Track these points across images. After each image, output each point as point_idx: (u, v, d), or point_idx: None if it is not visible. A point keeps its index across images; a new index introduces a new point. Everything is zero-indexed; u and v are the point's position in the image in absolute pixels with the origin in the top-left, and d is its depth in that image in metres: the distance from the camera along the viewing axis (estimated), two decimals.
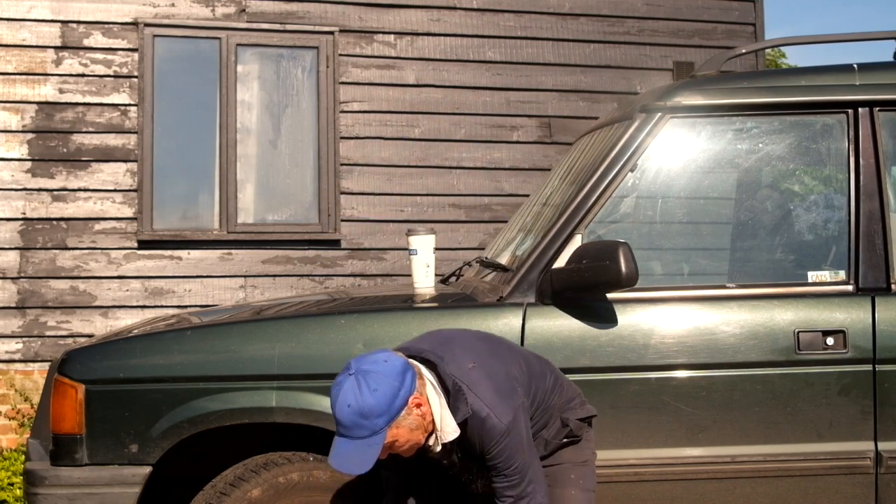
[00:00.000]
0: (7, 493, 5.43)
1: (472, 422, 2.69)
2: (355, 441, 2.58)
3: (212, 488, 3.15)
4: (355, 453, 2.58)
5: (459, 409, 2.69)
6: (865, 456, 3.25)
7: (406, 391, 2.61)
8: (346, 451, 2.59)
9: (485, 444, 2.69)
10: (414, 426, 2.65)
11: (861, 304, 3.29)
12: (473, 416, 2.68)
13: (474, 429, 2.69)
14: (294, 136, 6.87)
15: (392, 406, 2.58)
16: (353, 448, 2.59)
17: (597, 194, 3.32)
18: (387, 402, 2.57)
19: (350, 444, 2.59)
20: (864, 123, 3.41)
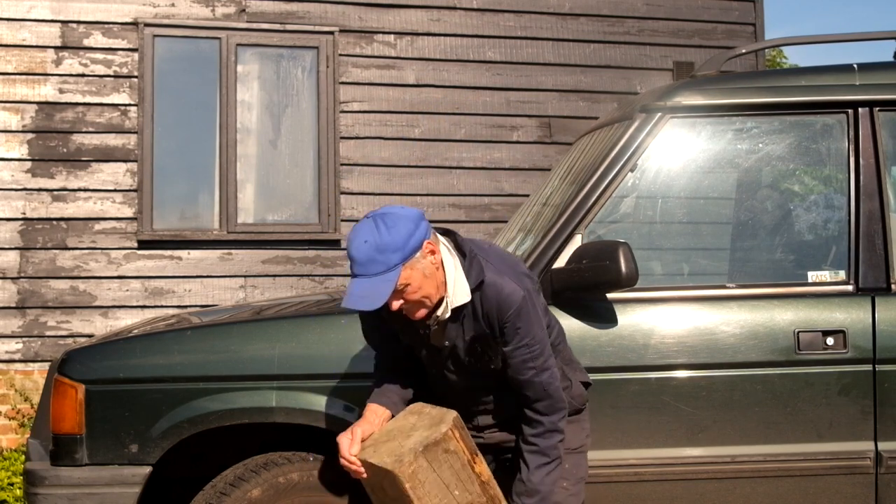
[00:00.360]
0: (7, 493, 5.43)
1: (487, 290, 2.70)
2: (370, 278, 2.58)
3: (212, 488, 3.15)
4: (369, 289, 2.58)
5: (473, 273, 2.70)
6: (865, 456, 3.25)
7: (421, 233, 2.63)
8: (359, 290, 2.59)
9: (502, 310, 2.69)
10: (427, 272, 2.64)
11: (861, 304, 3.29)
12: (488, 284, 2.70)
13: (490, 296, 2.70)
14: (294, 136, 6.87)
15: (407, 244, 2.60)
16: (367, 285, 2.58)
17: (597, 194, 3.32)
18: (402, 239, 2.59)
19: (364, 281, 2.58)
20: (864, 123, 3.41)
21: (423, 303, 2.68)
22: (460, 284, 2.71)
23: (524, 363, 2.74)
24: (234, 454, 3.27)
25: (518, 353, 2.74)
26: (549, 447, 2.78)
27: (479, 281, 2.70)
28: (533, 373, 2.75)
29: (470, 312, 2.74)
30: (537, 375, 2.75)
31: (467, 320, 2.75)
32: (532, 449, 2.78)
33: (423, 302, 2.68)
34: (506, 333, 2.72)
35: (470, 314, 2.74)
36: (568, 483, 2.90)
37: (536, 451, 2.77)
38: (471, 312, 2.74)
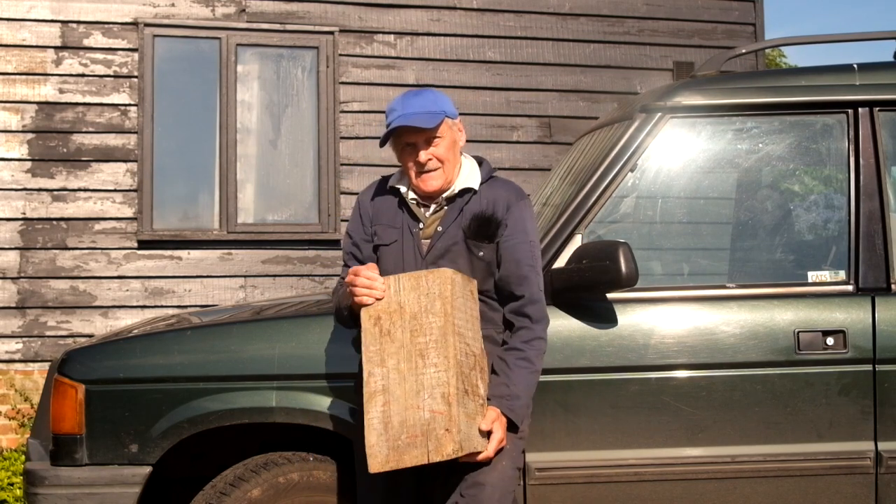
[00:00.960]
0: (7, 493, 5.43)
1: (497, 187, 2.94)
2: (419, 114, 2.84)
3: (212, 488, 3.15)
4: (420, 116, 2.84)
5: (484, 170, 2.97)
6: (865, 456, 3.25)
7: (456, 112, 2.96)
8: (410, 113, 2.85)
9: (512, 197, 2.90)
10: (453, 141, 2.92)
11: (861, 304, 3.29)
12: (497, 183, 2.95)
13: (499, 186, 2.94)
14: (294, 136, 6.87)
15: (449, 106, 2.92)
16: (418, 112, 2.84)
17: (597, 194, 3.32)
18: (446, 101, 2.93)
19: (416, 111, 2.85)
20: (864, 123, 3.42)
21: (443, 163, 2.89)
22: (473, 174, 2.95)
23: (525, 258, 2.86)
24: (234, 454, 3.27)
25: (521, 247, 2.86)
26: (534, 355, 2.83)
27: (488, 175, 2.96)
28: (529, 269, 2.85)
29: (476, 200, 2.90)
30: (535, 274, 2.86)
31: (468, 208, 2.90)
32: (519, 355, 2.81)
33: (444, 162, 2.89)
34: (510, 224, 2.87)
35: (476, 202, 2.90)
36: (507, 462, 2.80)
37: (523, 357, 2.81)
38: (476, 201, 2.90)
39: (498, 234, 2.87)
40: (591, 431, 3.16)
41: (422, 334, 2.66)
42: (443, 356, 2.62)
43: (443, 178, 2.90)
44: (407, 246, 2.90)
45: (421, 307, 2.67)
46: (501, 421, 2.75)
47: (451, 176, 2.92)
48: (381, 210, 3.00)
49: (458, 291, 2.68)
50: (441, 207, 2.93)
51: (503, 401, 2.76)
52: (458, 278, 2.70)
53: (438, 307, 2.65)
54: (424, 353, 2.64)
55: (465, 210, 2.89)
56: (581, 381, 3.14)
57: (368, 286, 2.75)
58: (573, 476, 3.15)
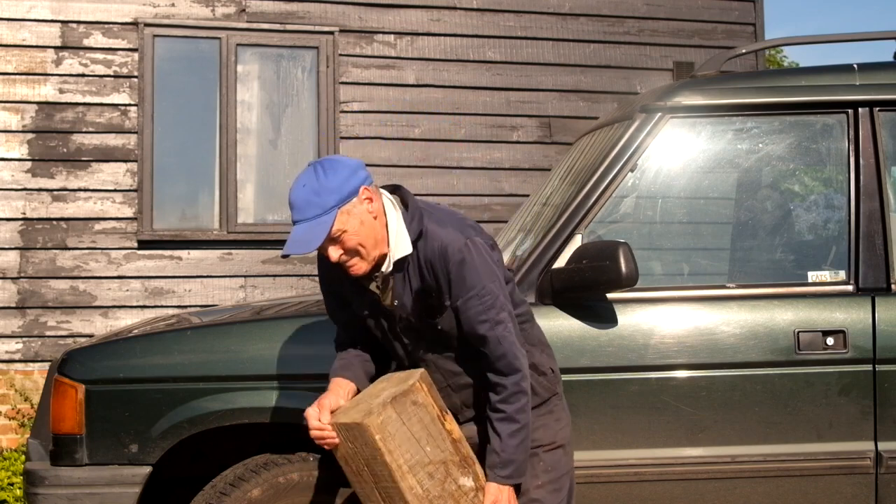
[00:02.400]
0: (7, 493, 5.44)
1: (429, 239, 2.66)
2: (308, 222, 2.60)
3: (212, 488, 3.15)
4: (306, 233, 2.60)
5: (414, 224, 2.67)
6: (865, 456, 3.25)
7: (359, 180, 2.63)
8: (296, 235, 2.61)
9: (446, 258, 2.64)
10: (364, 219, 2.62)
11: (861, 304, 3.29)
12: (428, 233, 2.66)
13: (433, 247, 2.65)
14: (294, 136, 6.87)
15: (343, 187, 2.60)
16: (304, 228, 2.60)
17: (597, 194, 3.32)
18: (338, 182, 2.60)
19: (302, 226, 2.60)
20: (864, 123, 3.41)
21: (360, 252, 2.64)
22: (402, 237, 2.67)
23: (476, 316, 2.65)
24: (234, 454, 3.27)
25: (469, 304, 2.65)
26: (515, 411, 2.66)
27: (419, 231, 2.66)
28: (487, 326, 2.64)
29: (415, 265, 2.68)
30: (492, 329, 2.64)
31: (412, 274, 2.69)
32: (500, 416, 2.67)
33: (360, 251, 2.64)
34: (452, 284, 2.65)
35: (415, 266, 2.68)
36: (542, 481, 2.80)
37: (504, 417, 2.66)
38: (415, 265, 2.68)
39: (445, 301, 2.68)
40: (591, 431, 3.15)
41: (381, 479, 2.64)
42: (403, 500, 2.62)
43: (366, 262, 2.66)
44: (377, 316, 2.80)
45: (367, 456, 2.64)
46: (501, 492, 2.68)
47: (374, 254, 2.66)
48: (339, 280, 2.80)
49: (390, 432, 2.57)
50: (388, 281, 2.73)
51: (496, 472, 2.67)
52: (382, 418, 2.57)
53: (379, 458, 2.59)
54: (391, 495, 2.64)
55: (409, 278, 2.70)
56: (581, 381, 3.14)
57: (321, 437, 2.69)
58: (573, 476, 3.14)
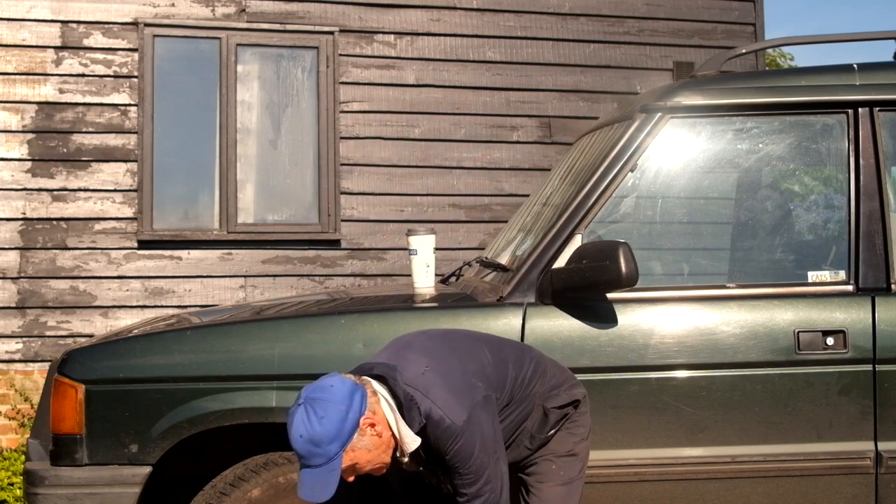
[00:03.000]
0: (7, 493, 5.43)
1: (429, 427, 2.68)
2: (315, 469, 2.58)
3: (212, 488, 3.15)
4: (317, 481, 2.58)
5: (413, 418, 2.67)
6: (865, 456, 3.25)
7: (355, 413, 2.59)
8: (308, 480, 2.58)
9: (441, 446, 2.68)
10: (371, 446, 2.64)
11: (861, 304, 3.29)
12: (429, 422, 2.67)
13: (431, 433, 2.68)
14: (294, 136, 6.87)
15: (342, 430, 2.57)
16: (314, 476, 2.58)
17: (597, 194, 3.32)
18: (335, 427, 2.56)
19: (311, 472, 2.58)
20: (864, 123, 3.41)
21: (379, 468, 2.70)
22: (406, 434, 2.69)
23: (458, 487, 2.72)
24: (234, 454, 3.27)
25: (453, 477, 2.72)
26: None
27: (420, 422, 2.67)
28: (465, 499, 2.71)
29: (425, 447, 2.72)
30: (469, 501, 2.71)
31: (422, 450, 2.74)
32: None
33: (378, 467, 2.69)
34: (447, 462, 2.71)
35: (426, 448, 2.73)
36: (553, 483, 2.89)
37: None
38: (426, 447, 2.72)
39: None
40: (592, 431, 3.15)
41: None
42: None
43: (383, 468, 2.72)
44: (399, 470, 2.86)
45: None
46: None
47: (389, 454, 2.70)
48: None
49: None
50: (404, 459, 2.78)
51: None
52: None
53: None
54: None
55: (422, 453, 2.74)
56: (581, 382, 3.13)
57: None
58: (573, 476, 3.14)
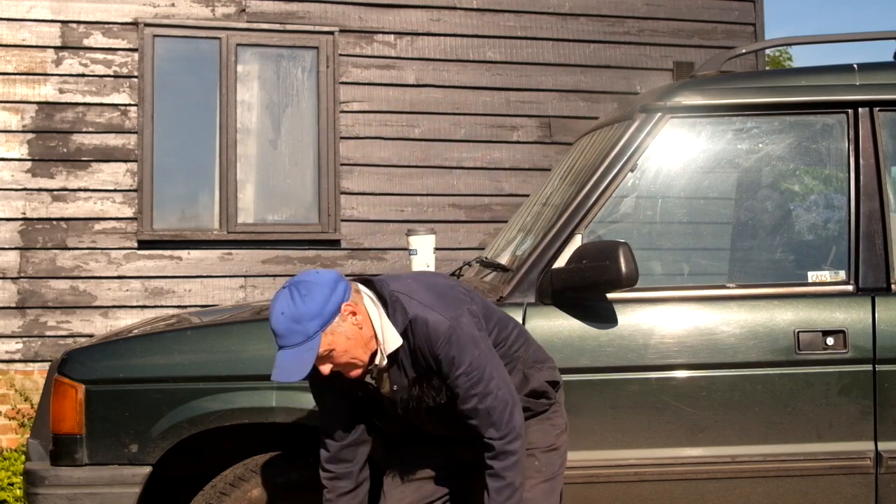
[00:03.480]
0: (7, 493, 5.43)
1: (416, 327, 2.68)
2: (293, 349, 2.59)
3: (212, 488, 3.15)
4: (292, 361, 2.59)
5: (398, 317, 2.69)
6: (865, 456, 3.25)
7: (338, 297, 2.62)
8: (283, 361, 2.60)
9: (433, 345, 2.67)
10: (350, 334, 2.64)
11: (861, 304, 3.29)
12: (415, 321, 2.68)
13: (419, 333, 2.68)
14: (294, 136, 6.87)
15: (324, 310, 2.59)
16: (290, 355, 2.59)
17: (597, 194, 3.32)
18: (318, 306, 2.59)
19: (288, 352, 2.60)
20: (864, 123, 3.41)
21: (354, 363, 2.69)
22: (389, 332, 2.69)
23: (466, 392, 2.70)
24: (234, 454, 3.27)
25: (458, 382, 2.69)
26: (504, 469, 2.72)
27: (405, 323, 2.68)
28: (476, 400, 2.70)
29: (406, 353, 2.72)
30: (481, 402, 2.70)
31: (405, 361, 2.73)
32: (490, 472, 2.74)
33: (354, 363, 2.69)
34: (441, 365, 2.69)
35: (407, 354, 2.72)
36: (535, 481, 2.86)
37: (493, 474, 2.73)
38: (407, 353, 2.72)
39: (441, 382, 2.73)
40: (591, 431, 3.15)
41: None
42: None
43: (360, 366, 2.70)
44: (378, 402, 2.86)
45: None
46: None
47: (366, 356, 2.70)
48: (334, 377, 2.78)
49: None
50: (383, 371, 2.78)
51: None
52: None
53: None
54: None
55: (404, 365, 2.74)
56: (581, 381, 3.14)
57: None
58: (573, 476, 3.14)
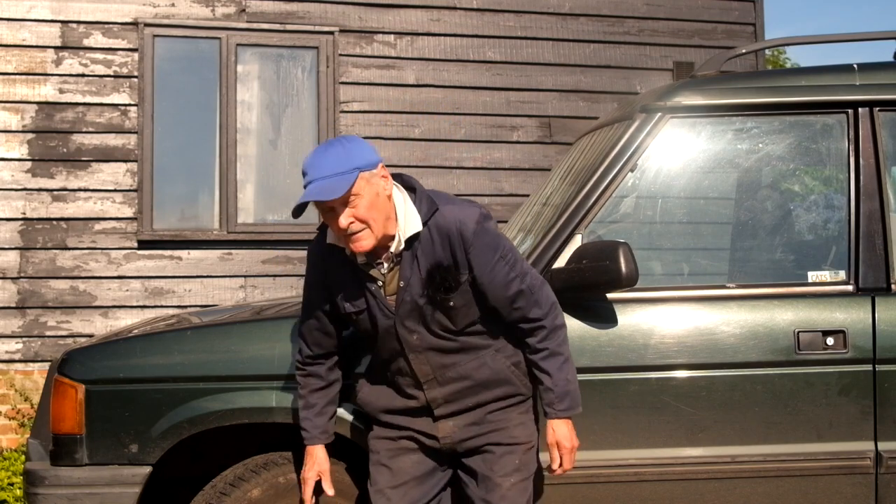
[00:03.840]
0: (7, 493, 5.43)
1: (445, 215, 2.72)
2: (328, 179, 2.64)
3: (212, 488, 3.15)
4: (326, 185, 2.63)
5: (423, 205, 2.74)
6: (865, 456, 3.25)
7: (376, 157, 2.71)
8: (315, 188, 2.64)
9: (465, 230, 2.70)
10: (379, 192, 2.68)
11: (861, 304, 3.29)
12: (442, 212, 2.72)
13: (448, 221, 2.71)
14: (294, 136, 6.87)
15: (363, 157, 2.68)
16: (324, 183, 2.64)
17: (597, 194, 3.32)
18: (361, 151, 2.70)
19: (321, 181, 2.64)
20: (864, 123, 3.41)
21: (369, 224, 2.68)
22: (411, 215, 2.73)
23: (506, 277, 2.75)
24: (234, 454, 3.27)
25: (497, 269, 2.73)
26: (559, 345, 2.82)
27: (431, 211, 2.72)
28: (518, 282, 2.76)
29: (427, 243, 2.73)
30: (522, 282, 2.76)
31: (422, 254, 2.74)
32: (544, 355, 2.81)
33: (369, 223, 2.68)
34: (474, 254, 2.72)
35: (427, 245, 2.73)
36: (514, 479, 2.86)
37: (548, 354, 2.80)
38: (427, 243, 2.73)
39: (462, 278, 2.75)
40: (591, 431, 3.15)
41: None
42: None
43: (372, 236, 2.69)
44: (373, 307, 2.81)
45: None
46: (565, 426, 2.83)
47: (383, 231, 2.71)
48: (334, 270, 2.84)
49: None
50: (395, 262, 2.78)
51: (555, 407, 2.82)
52: None
53: None
54: None
55: (419, 257, 2.74)
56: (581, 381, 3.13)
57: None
58: (573, 476, 3.14)
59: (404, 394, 2.92)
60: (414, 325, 2.81)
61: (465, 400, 2.87)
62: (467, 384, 2.86)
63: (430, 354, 2.84)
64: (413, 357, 2.85)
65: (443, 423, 2.90)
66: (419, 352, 2.84)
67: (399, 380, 2.91)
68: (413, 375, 2.87)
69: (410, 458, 2.93)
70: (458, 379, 2.86)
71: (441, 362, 2.85)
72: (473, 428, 2.89)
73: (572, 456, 2.87)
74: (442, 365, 2.85)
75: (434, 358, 2.85)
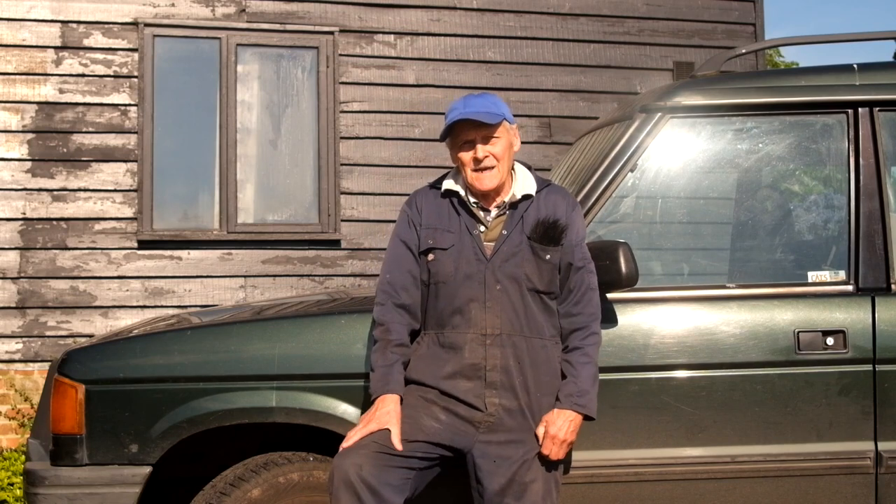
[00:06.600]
0: (7, 493, 5.44)
1: (552, 191, 3.06)
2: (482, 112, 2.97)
3: (212, 488, 3.15)
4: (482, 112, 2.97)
5: (537, 179, 3.08)
6: (865, 456, 3.25)
7: (514, 120, 3.08)
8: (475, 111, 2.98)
9: (570, 208, 3.03)
10: (510, 144, 3.03)
11: (861, 304, 3.29)
12: (552, 188, 3.08)
13: (557, 195, 3.05)
14: (294, 136, 6.87)
15: (507, 111, 3.04)
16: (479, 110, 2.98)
17: (597, 194, 3.32)
18: (505, 107, 3.06)
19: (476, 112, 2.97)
20: (864, 123, 3.42)
21: (497, 165, 2.98)
22: (528, 179, 3.06)
23: (581, 258, 3.00)
24: (234, 454, 3.27)
25: (577, 250, 3.00)
26: (593, 350, 3.00)
27: (544, 184, 3.07)
28: (584, 271, 3.00)
29: (533, 209, 3.01)
30: (589, 274, 3.01)
31: (529, 214, 3.00)
32: (580, 354, 2.97)
33: (498, 165, 2.98)
34: (571, 230, 3.01)
35: (534, 210, 3.00)
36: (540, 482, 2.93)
37: (583, 355, 2.97)
38: (534, 209, 3.01)
39: (563, 239, 2.99)
40: (592, 431, 3.15)
41: None
42: None
43: (498, 177, 2.99)
44: (467, 248, 2.99)
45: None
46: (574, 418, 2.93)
47: (505, 177, 3.02)
48: (433, 213, 3.06)
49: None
50: (503, 212, 3.02)
51: (573, 399, 2.94)
52: None
53: None
54: None
55: (525, 216, 3.00)
56: None
57: None
58: (573, 476, 3.15)
59: (461, 353, 2.95)
60: (502, 276, 2.96)
61: (516, 375, 2.93)
62: (523, 355, 2.95)
63: (506, 307, 2.94)
64: (491, 305, 2.94)
65: (490, 396, 2.93)
66: (497, 301, 2.94)
67: (461, 336, 2.95)
68: (481, 326, 2.94)
69: (433, 424, 2.93)
70: (518, 346, 2.94)
71: (511, 319, 2.94)
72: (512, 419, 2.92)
73: (564, 449, 2.94)
74: (511, 323, 2.95)
75: (508, 312, 2.94)
